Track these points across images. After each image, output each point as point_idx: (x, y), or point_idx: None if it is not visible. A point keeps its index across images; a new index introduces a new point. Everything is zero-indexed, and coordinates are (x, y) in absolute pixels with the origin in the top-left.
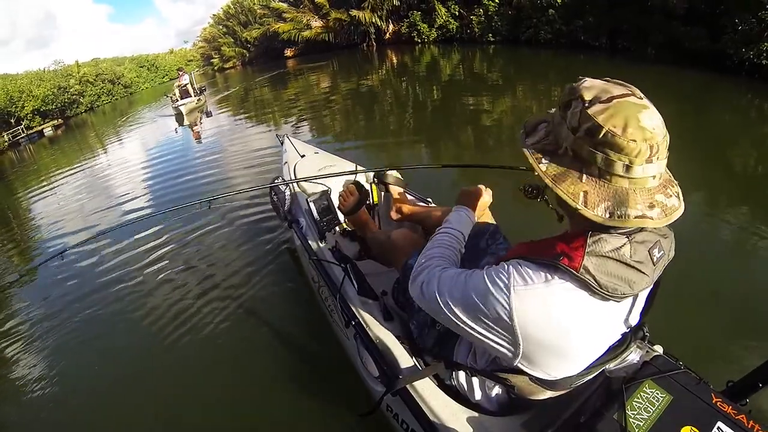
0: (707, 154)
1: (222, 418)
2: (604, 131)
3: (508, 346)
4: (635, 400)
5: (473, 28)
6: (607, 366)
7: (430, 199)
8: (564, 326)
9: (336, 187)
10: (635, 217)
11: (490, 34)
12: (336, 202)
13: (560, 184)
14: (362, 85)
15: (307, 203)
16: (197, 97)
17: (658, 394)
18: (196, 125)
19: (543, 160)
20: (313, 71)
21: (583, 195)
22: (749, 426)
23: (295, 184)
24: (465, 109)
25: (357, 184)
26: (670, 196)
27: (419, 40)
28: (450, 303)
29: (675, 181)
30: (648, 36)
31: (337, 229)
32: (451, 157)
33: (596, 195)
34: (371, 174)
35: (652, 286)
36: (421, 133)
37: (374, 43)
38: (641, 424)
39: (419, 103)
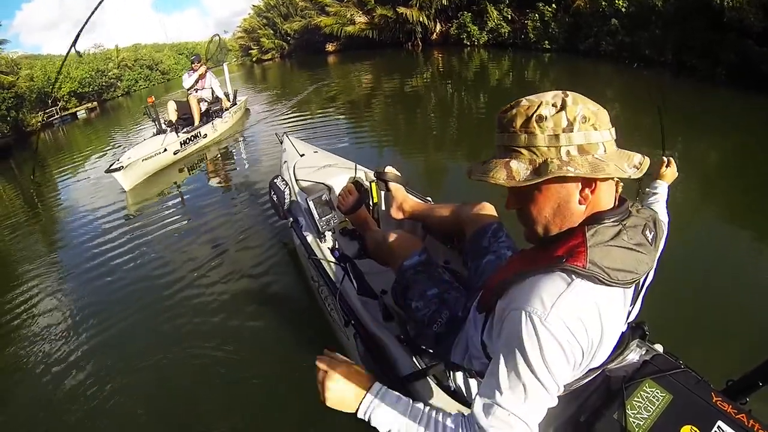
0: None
1: (219, 417)
2: (578, 117)
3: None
4: (635, 399)
5: (528, 33)
6: (607, 365)
7: (430, 198)
8: (598, 325)
9: (336, 186)
10: (634, 166)
11: (546, 42)
12: (336, 201)
13: (598, 173)
14: (406, 85)
15: (307, 202)
16: (194, 132)
17: (658, 393)
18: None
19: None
20: (356, 71)
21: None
22: (749, 425)
23: (294, 183)
24: None
25: (357, 183)
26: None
27: (468, 43)
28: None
29: None
30: (718, 55)
31: (337, 228)
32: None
33: (608, 163)
34: (371, 173)
35: (644, 279)
36: (462, 143)
37: (420, 43)
38: (641, 423)
39: (463, 110)
